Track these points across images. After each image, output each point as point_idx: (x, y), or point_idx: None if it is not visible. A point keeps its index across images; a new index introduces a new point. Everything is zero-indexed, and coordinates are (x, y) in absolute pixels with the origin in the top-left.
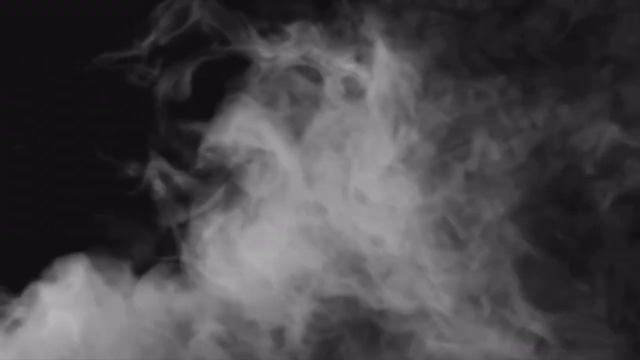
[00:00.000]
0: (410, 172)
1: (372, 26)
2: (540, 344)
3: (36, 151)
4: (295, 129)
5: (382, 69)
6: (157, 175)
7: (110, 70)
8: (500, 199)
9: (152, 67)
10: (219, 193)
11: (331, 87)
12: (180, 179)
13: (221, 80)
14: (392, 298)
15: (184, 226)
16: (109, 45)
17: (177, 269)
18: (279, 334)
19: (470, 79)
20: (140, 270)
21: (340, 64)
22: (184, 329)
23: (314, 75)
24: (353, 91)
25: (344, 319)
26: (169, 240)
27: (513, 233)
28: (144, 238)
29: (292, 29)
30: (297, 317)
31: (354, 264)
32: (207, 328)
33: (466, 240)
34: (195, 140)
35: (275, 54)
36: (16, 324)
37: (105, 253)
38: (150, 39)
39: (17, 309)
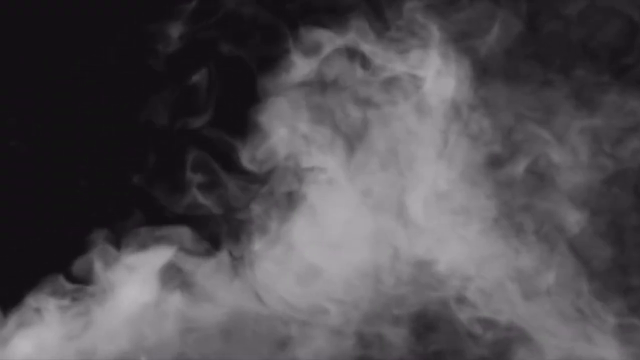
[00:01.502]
0: (468, 178)
1: (424, 27)
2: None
3: (36, 151)
4: (342, 134)
5: (435, 72)
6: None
7: (113, 69)
8: (567, 203)
9: (173, 65)
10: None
11: (378, 90)
12: (223, 182)
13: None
14: (479, 313)
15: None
16: (116, 44)
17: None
18: (375, 343)
19: (529, 79)
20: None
21: (390, 65)
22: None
23: (361, 76)
24: (403, 94)
25: (437, 331)
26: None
27: (585, 237)
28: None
29: (338, 26)
30: (392, 329)
31: (429, 278)
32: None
33: (537, 248)
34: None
35: (319, 53)
36: (84, 313)
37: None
38: (172, 34)
39: (85, 299)
